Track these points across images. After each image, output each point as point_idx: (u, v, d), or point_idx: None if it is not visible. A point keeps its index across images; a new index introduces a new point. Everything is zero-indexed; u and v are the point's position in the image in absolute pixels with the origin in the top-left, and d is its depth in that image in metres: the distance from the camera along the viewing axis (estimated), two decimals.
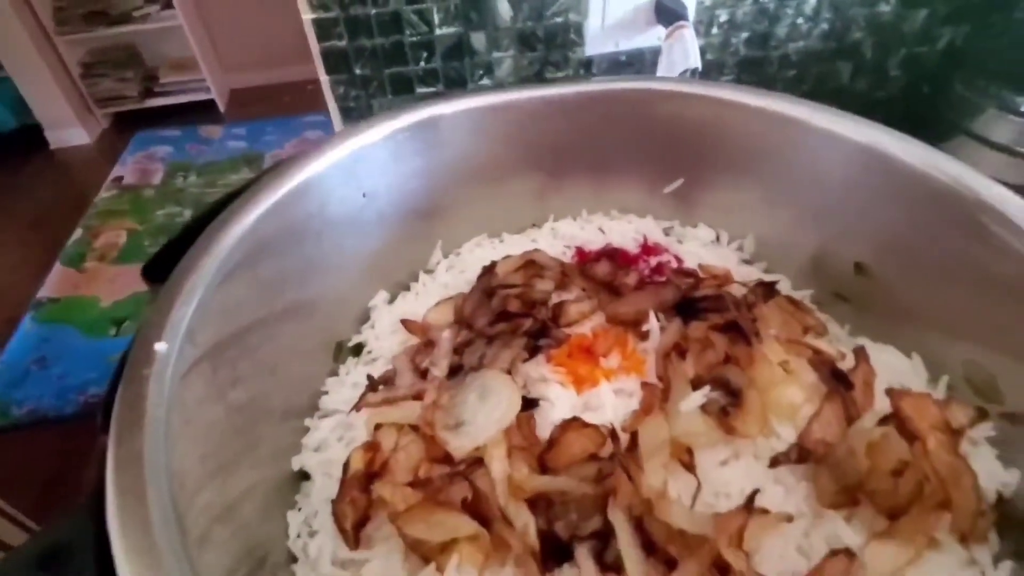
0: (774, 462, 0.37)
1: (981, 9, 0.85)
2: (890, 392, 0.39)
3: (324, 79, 0.79)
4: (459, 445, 0.39)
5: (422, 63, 0.79)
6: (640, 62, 0.83)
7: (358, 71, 0.78)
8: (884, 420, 0.38)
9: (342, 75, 0.78)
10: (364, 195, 0.50)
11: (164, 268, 0.37)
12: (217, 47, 2.84)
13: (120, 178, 2.44)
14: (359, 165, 0.49)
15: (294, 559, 0.40)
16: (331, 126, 0.84)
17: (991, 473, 0.38)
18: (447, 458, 0.39)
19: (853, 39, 0.86)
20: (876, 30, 0.86)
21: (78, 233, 2.17)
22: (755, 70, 0.87)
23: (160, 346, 0.30)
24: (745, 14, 0.81)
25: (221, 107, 2.81)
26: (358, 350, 0.53)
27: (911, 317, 0.47)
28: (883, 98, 0.93)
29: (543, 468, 0.38)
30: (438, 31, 0.76)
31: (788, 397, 0.40)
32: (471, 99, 0.52)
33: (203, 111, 2.77)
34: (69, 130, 2.61)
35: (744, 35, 0.84)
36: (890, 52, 0.88)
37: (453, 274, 0.58)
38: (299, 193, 0.44)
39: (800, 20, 0.83)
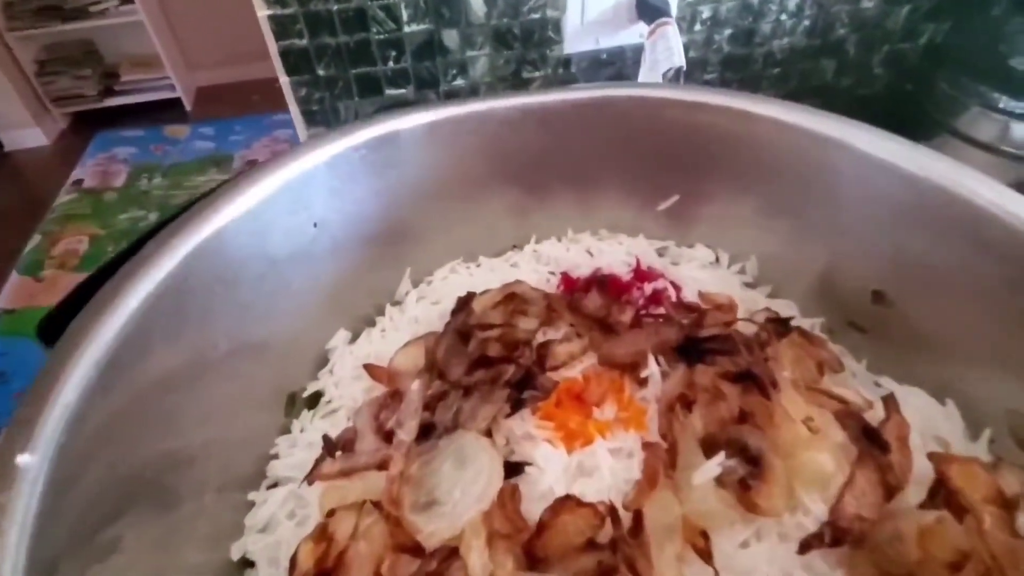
0: (805, 546, 0.32)
1: (961, 6, 0.83)
2: (933, 457, 0.33)
3: (284, 80, 0.73)
4: (431, 531, 0.33)
5: (391, 63, 0.73)
6: (621, 60, 0.79)
7: (321, 72, 0.72)
8: (932, 492, 0.32)
9: (304, 76, 0.72)
10: (315, 225, 0.43)
11: (62, 329, 0.30)
12: (181, 43, 2.72)
13: (80, 181, 2.32)
14: (306, 192, 0.42)
15: None
16: None
17: None
18: (416, 547, 0.33)
19: (837, 36, 0.85)
20: (859, 26, 0.84)
21: (36, 239, 2.06)
22: (739, 68, 0.85)
23: (24, 460, 0.23)
24: (728, 10, 0.79)
25: (187, 106, 2.69)
26: (315, 400, 0.46)
27: (938, 353, 0.42)
28: (867, 95, 0.92)
29: (530, 558, 0.32)
30: (407, 28, 0.70)
31: (817, 463, 0.34)
32: (435, 111, 0.46)
33: (168, 110, 2.65)
34: (24, 131, 2.48)
35: (728, 31, 0.81)
36: (873, 49, 0.87)
37: (424, 306, 0.51)
38: (225, 235, 0.37)
39: (784, 16, 0.81)
